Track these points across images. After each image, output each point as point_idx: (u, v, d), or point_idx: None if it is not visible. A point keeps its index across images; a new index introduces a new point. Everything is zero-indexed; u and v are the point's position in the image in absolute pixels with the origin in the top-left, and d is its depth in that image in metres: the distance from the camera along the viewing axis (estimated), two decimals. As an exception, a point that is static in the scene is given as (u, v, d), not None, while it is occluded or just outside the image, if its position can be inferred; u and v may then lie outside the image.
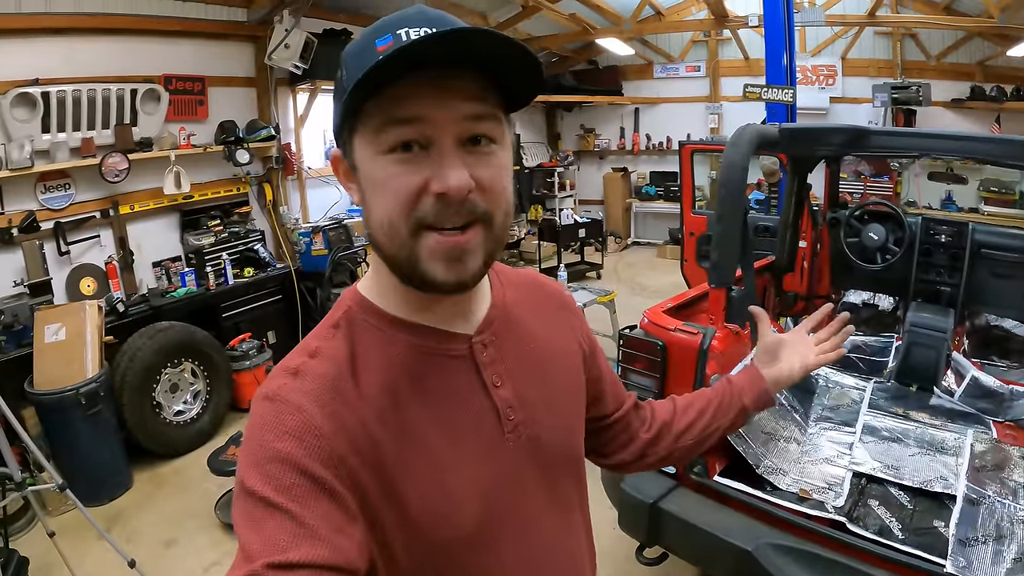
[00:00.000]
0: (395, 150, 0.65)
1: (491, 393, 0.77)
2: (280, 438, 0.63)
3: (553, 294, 0.96)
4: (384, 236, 0.68)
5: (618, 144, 10.40)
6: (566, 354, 0.91)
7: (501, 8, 7.69)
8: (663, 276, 7.77)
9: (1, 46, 4.03)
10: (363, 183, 0.69)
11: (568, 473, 0.87)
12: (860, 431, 2.38)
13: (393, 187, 0.66)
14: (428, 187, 0.65)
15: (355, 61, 0.65)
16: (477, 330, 0.79)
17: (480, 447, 0.75)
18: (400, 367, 0.72)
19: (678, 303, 2.78)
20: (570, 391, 0.90)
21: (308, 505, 0.60)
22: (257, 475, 0.62)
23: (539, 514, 0.81)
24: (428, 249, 0.67)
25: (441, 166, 0.65)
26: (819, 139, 2.86)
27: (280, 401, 0.66)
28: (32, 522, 3.43)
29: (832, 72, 8.33)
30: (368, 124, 0.66)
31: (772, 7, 4.80)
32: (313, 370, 0.69)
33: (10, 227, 4.09)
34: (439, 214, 0.66)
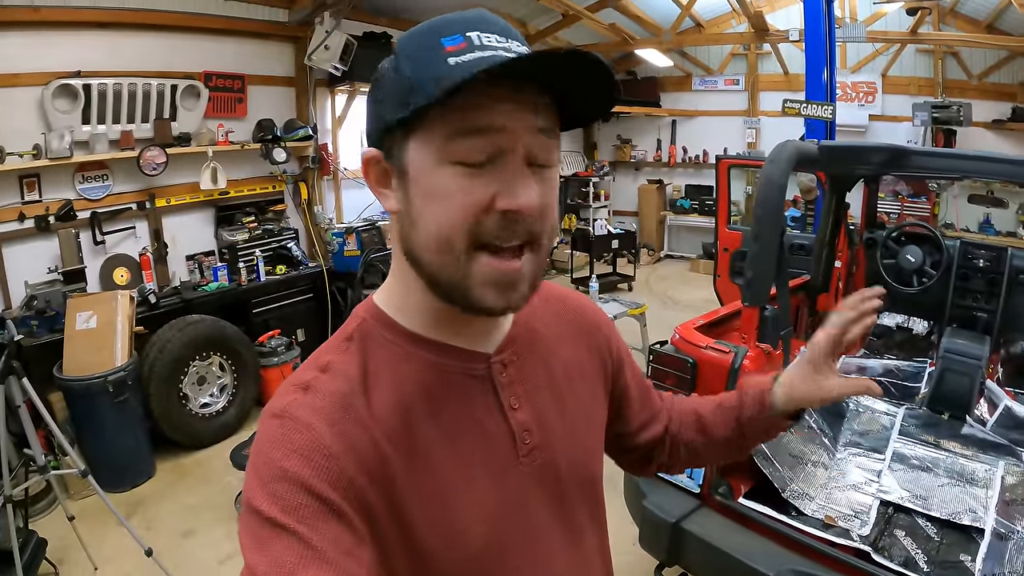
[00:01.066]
0: (463, 161, 0.62)
1: (508, 416, 0.75)
2: (288, 457, 0.61)
3: (578, 310, 0.92)
4: (433, 251, 0.64)
5: (654, 156, 10.34)
6: (587, 375, 0.88)
7: (541, 16, 7.69)
8: (695, 291, 7.71)
9: (46, 38, 4.12)
10: (415, 191, 0.65)
11: (583, 498, 0.84)
12: (889, 458, 2.31)
13: (458, 200, 0.62)
14: (494, 203, 0.62)
15: (419, 57, 0.62)
16: (497, 349, 0.76)
17: (491, 471, 0.72)
18: (414, 385, 0.70)
19: (710, 320, 2.74)
20: (590, 414, 0.87)
21: (316, 527, 0.59)
22: (264, 494, 0.60)
23: (549, 539, 0.78)
24: (481, 274, 0.64)
25: (512, 183, 0.62)
26: (858, 158, 2.80)
27: (289, 418, 0.64)
28: (53, 505, 3.48)
29: (872, 89, 8.20)
30: (435, 130, 0.62)
31: (813, 21, 4.73)
32: (324, 386, 0.67)
33: (47, 215, 4.19)
34: (501, 232, 0.63)
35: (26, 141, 4.03)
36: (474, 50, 0.61)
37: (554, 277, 8.91)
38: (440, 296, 0.68)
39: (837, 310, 0.95)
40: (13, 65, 3.98)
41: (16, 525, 2.80)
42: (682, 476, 2.32)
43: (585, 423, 0.85)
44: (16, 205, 4.10)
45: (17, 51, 3.99)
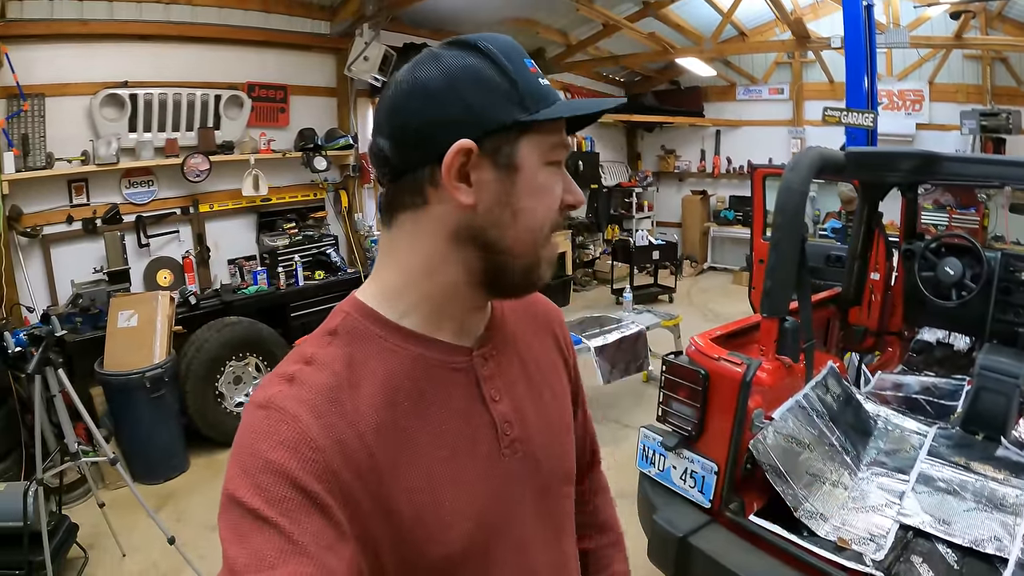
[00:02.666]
0: (551, 164, 0.73)
1: (490, 407, 0.76)
2: (273, 448, 0.61)
3: (543, 309, 0.95)
4: (529, 240, 0.72)
5: (698, 166, 10.22)
6: (557, 369, 0.91)
7: (582, 26, 7.70)
8: (736, 303, 7.53)
9: (94, 49, 4.33)
10: (523, 186, 0.70)
11: (561, 493, 0.86)
12: (914, 480, 2.20)
13: (552, 195, 0.73)
14: (564, 198, 0.75)
15: (520, 70, 0.70)
16: (478, 343, 0.78)
17: (477, 463, 0.73)
18: (400, 378, 0.70)
19: (730, 331, 2.67)
20: (561, 408, 0.89)
21: (298, 520, 0.59)
22: (248, 486, 0.59)
23: (533, 532, 0.79)
24: (546, 255, 0.75)
25: (572, 184, 0.76)
26: (887, 164, 2.71)
27: (275, 409, 0.64)
28: (88, 493, 3.60)
29: (919, 97, 7.95)
30: (545, 136, 0.71)
31: (853, 27, 4.61)
32: (309, 379, 0.67)
33: (94, 217, 4.40)
34: (562, 221, 0.76)
35: (75, 147, 4.24)
36: (541, 76, 0.73)
37: (595, 287, 8.86)
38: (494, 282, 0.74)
39: None
40: (63, 75, 4.19)
41: (49, 509, 2.91)
42: (694, 491, 2.27)
43: (558, 417, 0.87)
44: (65, 208, 4.31)
45: (67, 62, 4.20)
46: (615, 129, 10.35)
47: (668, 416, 2.39)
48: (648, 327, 4.92)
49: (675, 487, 2.34)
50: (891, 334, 3.66)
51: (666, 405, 2.41)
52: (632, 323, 4.86)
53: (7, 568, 2.73)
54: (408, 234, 0.72)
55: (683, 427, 2.33)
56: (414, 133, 0.68)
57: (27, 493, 2.68)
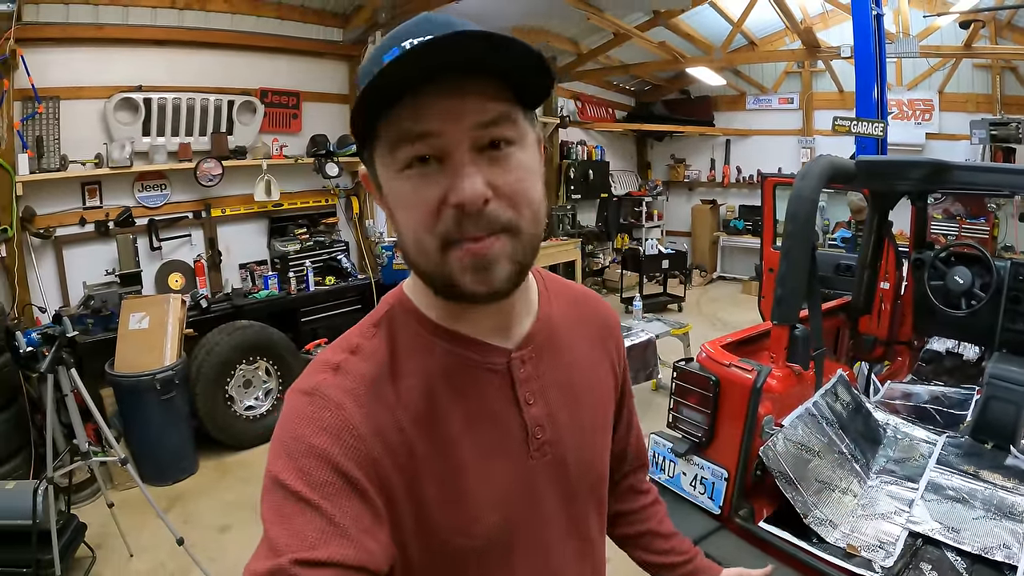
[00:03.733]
0: (411, 166, 0.63)
1: (522, 410, 0.76)
2: (317, 434, 0.63)
3: (598, 313, 0.94)
4: (416, 254, 0.67)
5: (708, 176, 10.24)
6: (601, 378, 0.90)
7: (593, 35, 7.74)
8: (745, 312, 7.52)
9: (108, 53, 4.39)
10: (387, 201, 0.68)
11: (590, 499, 0.86)
12: (923, 488, 2.19)
13: (413, 203, 0.64)
14: (447, 200, 0.63)
15: (367, 76, 0.61)
16: (518, 345, 0.78)
17: (505, 462, 0.74)
18: (438, 373, 0.72)
19: (740, 338, 2.67)
20: (600, 418, 0.88)
21: (339, 504, 0.61)
22: (291, 468, 0.62)
23: (555, 535, 0.80)
24: (457, 262, 0.64)
25: (455, 177, 0.62)
26: (897, 173, 2.70)
27: (320, 396, 0.66)
28: (96, 493, 3.62)
29: (929, 106, 7.94)
30: (384, 142, 0.64)
31: (862, 37, 4.61)
32: (354, 368, 0.69)
33: (107, 220, 4.45)
34: (459, 227, 0.63)
35: (89, 150, 4.29)
36: (395, 60, 0.60)
37: (604, 296, 8.86)
38: (436, 291, 0.69)
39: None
40: (78, 79, 4.25)
41: (58, 508, 2.95)
42: (703, 497, 2.27)
43: (595, 423, 0.86)
44: (78, 210, 4.36)
45: (81, 66, 4.26)
46: (625, 138, 10.38)
47: (678, 422, 2.39)
48: (658, 335, 4.92)
49: (685, 493, 2.33)
50: (901, 343, 3.64)
51: (676, 411, 2.41)
52: (642, 331, 4.86)
53: (16, 566, 2.76)
54: None
55: (693, 433, 2.33)
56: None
57: (37, 492, 2.70)
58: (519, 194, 0.66)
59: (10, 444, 3.49)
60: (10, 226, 3.88)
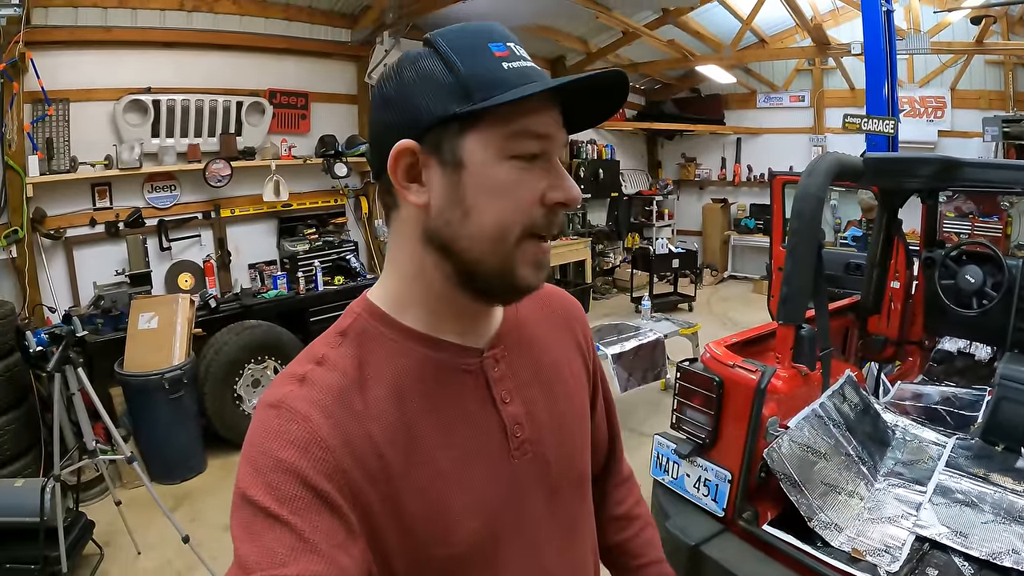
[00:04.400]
0: (520, 158, 0.66)
1: (499, 409, 0.75)
2: (284, 447, 0.62)
3: (562, 304, 0.94)
4: (487, 240, 0.67)
5: (719, 174, 10.18)
6: (573, 371, 0.89)
7: (602, 34, 7.71)
8: (756, 312, 7.46)
9: (117, 56, 4.42)
10: (471, 184, 0.66)
11: (574, 495, 0.85)
12: (932, 491, 2.16)
13: (517, 193, 0.67)
14: (544, 197, 0.68)
15: (471, 59, 0.65)
16: (489, 344, 0.77)
17: (485, 464, 0.73)
18: (410, 379, 0.71)
19: (746, 338, 2.65)
20: (577, 409, 0.88)
21: (309, 519, 0.59)
22: (259, 484, 0.60)
23: (543, 534, 0.79)
24: (527, 256, 0.69)
25: (562, 179, 0.69)
26: (907, 170, 2.66)
27: (286, 409, 0.65)
28: (105, 491, 3.65)
29: (941, 104, 7.85)
30: (499, 128, 0.65)
31: (873, 33, 4.56)
32: (320, 379, 0.68)
33: (117, 221, 4.49)
34: (549, 223, 0.69)
35: (98, 152, 4.33)
36: (516, 59, 0.67)
37: (615, 296, 8.83)
38: (469, 283, 0.70)
39: None
40: (87, 81, 4.29)
41: (66, 506, 2.97)
42: (707, 499, 2.25)
43: (573, 419, 0.86)
44: (88, 211, 4.41)
45: (91, 68, 4.30)
46: (636, 137, 10.33)
47: (682, 423, 2.37)
48: (666, 335, 4.89)
49: (688, 495, 2.31)
50: (911, 343, 3.59)
51: (680, 412, 2.39)
52: (650, 331, 4.84)
53: (24, 562, 2.80)
54: (395, 235, 0.74)
55: (697, 434, 2.30)
56: (377, 138, 0.71)
57: (44, 489, 2.73)
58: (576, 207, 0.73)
59: (20, 442, 3.54)
60: (21, 227, 3.93)
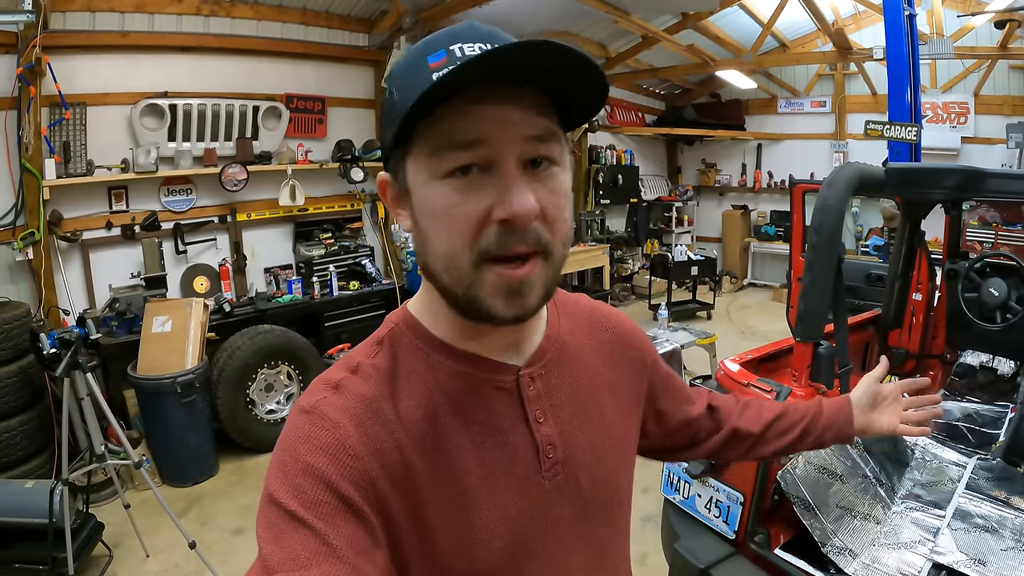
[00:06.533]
0: (454, 174, 0.61)
1: (532, 429, 0.74)
2: (313, 453, 0.62)
3: (611, 325, 0.91)
4: (442, 268, 0.65)
5: (739, 181, 10.05)
6: (618, 392, 0.86)
7: (621, 39, 7.65)
8: (776, 321, 7.36)
9: (134, 60, 4.46)
10: (417, 210, 0.65)
11: (606, 518, 0.82)
12: (950, 515, 2.09)
13: (453, 216, 0.62)
14: (491, 214, 0.61)
15: (406, 79, 0.62)
16: (527, 362, 0.76)
17: (514, 483, 0.72)
18: (442, 393, 0.70)
19: (761, 354, 2.59)
20: (617, 433, 0.85)
21: (334, 524, 0.60)
22: (286, 487, 0.61)
23: (572, 557, 0.77)
24: (490, 284, 0.63)
25: (506, 190, 0.61)
26: (930, 181, 2.58)
27: (317, 415, 0.65)
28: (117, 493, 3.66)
29: (964, 110, 7.68)
30: (423, 146, 0.62)
31: (895, 37, 4.46)
32: (354, 388, 0.68)
33: (133, 224, 4.54)
34: (502, 243, 0.62)
35: (115, 155, 4.37)
36: (455, 62, 0.60)
37: (633, 303, 8.76)
38: (456, 310, 0.68)
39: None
40: (104, 85, 4.33)
41: (76, 508, 3.01)
42: (718, 520, 2.20)
43: (611, 442, 0.83)
44: (104, 214, 4.45)
45: (108, 72, 4.34)
46: (655, 143, 10.26)
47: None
48: (683, 345, 4.82)
49: (699, 516, 2.26)
50: (932, 357, 3.51)
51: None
52: (666, 341, 4.77)
53: (32, 563, 2.85)
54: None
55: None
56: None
57: (53, 492, 2.76)
58: (558, 218, 0.65)
59: (33, 443, 3.59)
60: (37, 229, 3.97)
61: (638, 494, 1.04)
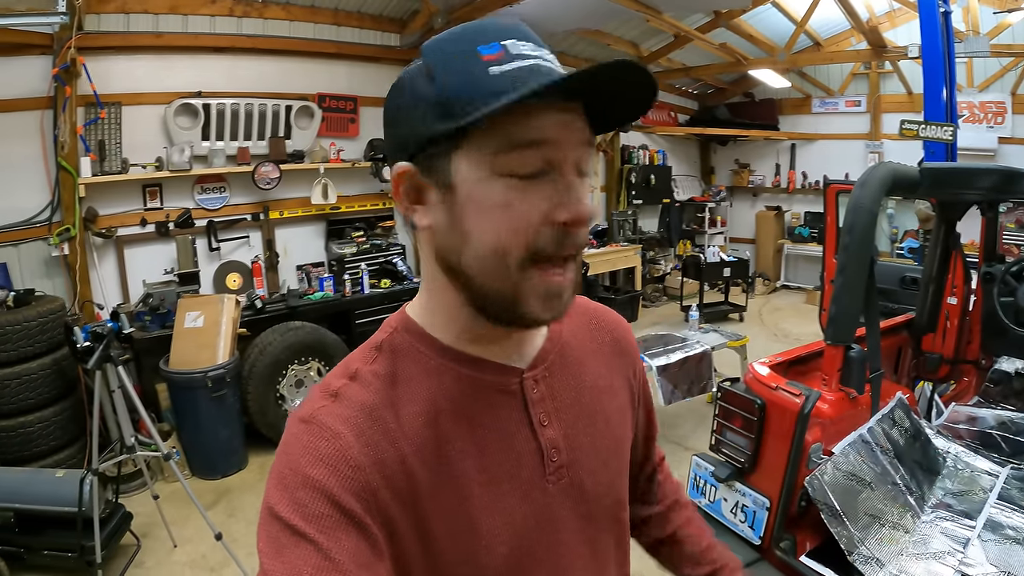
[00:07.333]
0: (516, 174, 0.60)
1: (537, 432, 0.73)
2: (313, 464, 0.61)
3: (610, 328, 0.90)
4: (485, 265, 0.63)
5: (773, 181, 9.90)
6: (616, 399, 0.85)
7: (653, 38, 7.59)
8: (809, 324, 7.25)
9: (169, 61, 4.56)
10: (464, 205, 0.62)
11: (610, 522, 0.82)
12: (981, 526, 2.03)
13: (512, 214, 0.61)
14: (550, 215, 0.61)
15: (458, 66, 0.60)
16: (530, 364, 0.75)
17: (518, 488, 0.71)
18: (445, 398, 0.69)
19: (792, 357, 2.55)
20: (618, 436, 0.84)
21: (336, 537, 0.59)
22: (286, 500, 0.60)
23: (577, 562, 0.76)
24: (531, 286, 0.63)
25: (568, 192, 0.62)
26: (965, 181, 2.52)
27: (316, 425, 0.64)
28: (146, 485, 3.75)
29: (1001, 109, 7.46)
30: (484, 143, 0.60)
31: (930, 35, 4.34)
32: (353, 395, 0.66)
33: (167, 221, 4.63)
34: (559, 244, 0.62)
35: (150, 154, 4.47)
36: (512, 59, 0.60)
37: (664, 304, 8.70)
38: (482, 309, 0.66)
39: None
40: (138, 85, 4.42)
41: (105, 497, 3.08)
42: (744, 526, 2.17)
43: (613, 445, 0.82)
44: (139, 211, 4.55)
45: (142, 73, 4.43)
46: (688, 142, 10.16)
47: (721, 446, 2.29)
48: (714, 347, 4.75)
49: (725, 520, 2.23)
50: (967, 363, 3.42)
51: (720, 434, 2.31)
52: (697, 343, 4.71)
53: (62, 550, 2.92)
54: (420, 250, 0.72)
55: (736, 458, 2.23)
56: (387, 158, 0.70)
57: (83, 481, 2.84)
58: (589, 224, 0.66)
59: (66, 433, 3.69)
60: (73, 225, 4.07)
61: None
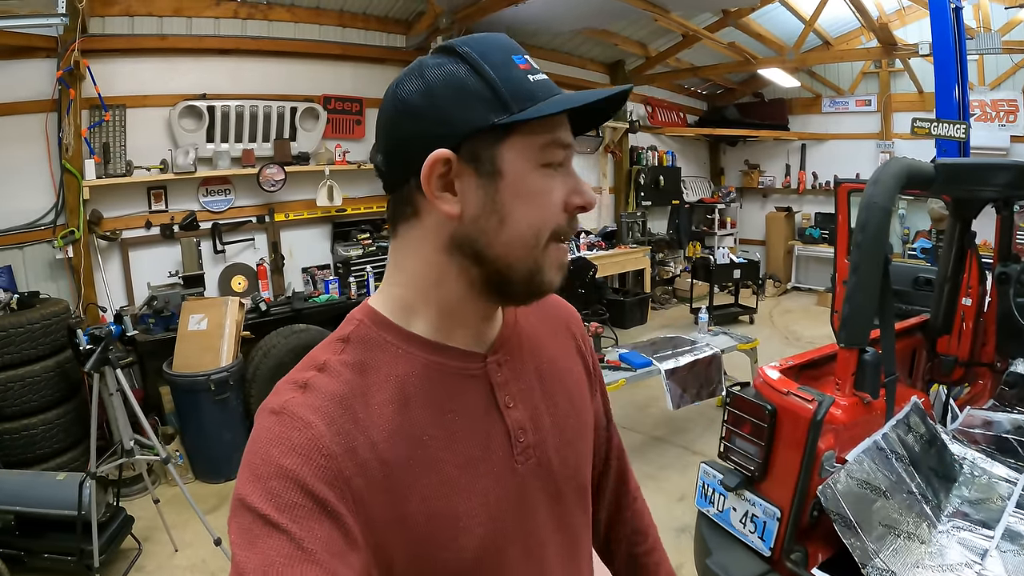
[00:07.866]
0: (550, 165, 0.69)
1: (503, 414, 0.75)
2: (286, 454, 0.61)
3: (557, 311, 0.94)
4: (521, 246, 0.69)
5: (783, 182, 9.83)
6: (574, 375, 0.90)
7: (661, 38, 7.55)
8: (820, 326, 7.16)
9: (173, 63, 4.55)
10: (507, 192, 0.68)
11: (577, 502, 0.85)
12: (999, 536, 1.96)
13: (548, 199, 0.70)
14: (568, 202, 0.71)
15: (504, 69, 0.67)
16: (492, 349, 0.77)
17: (490, 470, 0.73)
18: (414, 385, 0.70)
19: (803, 361, 2.48)
20: (579, 414, 0.87)
21: (309, 527, 0.59)
22: (259, 491, 0.60)
23: (548, 539, 0.80)
24: (549, 260, 0.71)
25: (580, 184, 0.72)
26: (981, 178, 2.44)
27: (288, 415, 0.64)
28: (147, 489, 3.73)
29: (1014, 107, 7.38)
30: (533, 137, 0.68)
31: (941, 32, 4.28)
32: (323, 386, 0.67)
33: (172, 223, 4.62)
34: (573, 225, 0.73)
35: (154, 156, 4.45)
36: (536, 72, 0.69)
37: (674, 306, 8.64)
38: (504, 286, 0.71)
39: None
40: (143, 88, 4.41)
41: (106, 501, 3.06)
42: (753, 536, 2.11)
43: (576, 424, 0.86)
44: (144, 214, 4.54)
45: (147, 75, 4.42)
46: (697, 143, 10.09)
47: (730, 453, 2.23)
48: (723, 350, 4.69)
49: (734, 530, 2.17)
50: (982, 365, 3.34)
51: (728, 441, 2.25)
52: (706, 345, 4.65)
53: (62, 553, 2.90)
54: (409, 244, 0.73)
55: (745, 466, 2.16)
56: (399, 147, 0.70)
57: (82, 484, 2.82)
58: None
59: (69, 436, 3.68)
60: (77, 228, 4.06)
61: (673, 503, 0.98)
